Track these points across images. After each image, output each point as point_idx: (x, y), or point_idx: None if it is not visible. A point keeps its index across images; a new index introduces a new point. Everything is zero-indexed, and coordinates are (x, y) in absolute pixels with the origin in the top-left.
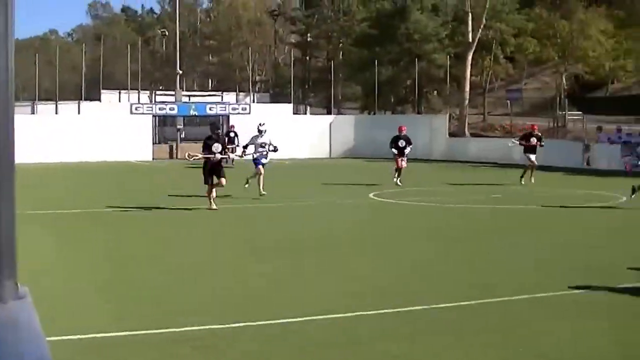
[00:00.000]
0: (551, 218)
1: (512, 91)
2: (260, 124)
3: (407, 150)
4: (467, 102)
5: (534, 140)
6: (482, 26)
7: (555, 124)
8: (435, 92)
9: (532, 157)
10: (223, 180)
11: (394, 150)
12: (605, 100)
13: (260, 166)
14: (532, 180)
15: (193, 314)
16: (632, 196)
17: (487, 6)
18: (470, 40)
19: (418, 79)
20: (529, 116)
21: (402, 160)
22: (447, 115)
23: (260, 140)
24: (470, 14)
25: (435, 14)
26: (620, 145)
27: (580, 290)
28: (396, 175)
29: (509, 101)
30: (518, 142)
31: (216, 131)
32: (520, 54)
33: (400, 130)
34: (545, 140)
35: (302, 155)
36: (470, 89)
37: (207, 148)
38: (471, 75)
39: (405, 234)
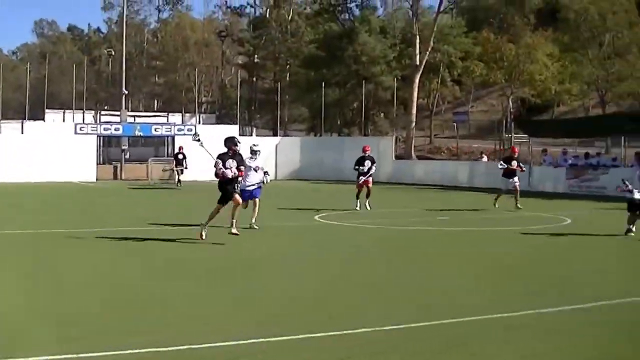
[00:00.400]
0: (498, 240)
1: (459, 114)
2: (253, 145)
3: (372, 171)
4: (413, 124)
5: (514, 164)
6: (429, 49)
7: (502, 147)
8: (382, 114)
9: (510, 180)
10: (237, 197)
11: (362, 169)
12: (551, 123)
13: (245, 199)
14: (519, 205)
15: (136, 335)
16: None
17: (435, 29)
18: (418, 62)
19: (365, 101)
20: (475, 139)
21: (367, 181)
22: (394, 137)
23: (253, 164)
24: (418, 37)
25: (384, 36)
26: (565, 169)
27: (525, 312)
28: (367, 200)
29: (455, 123)
30: (506, 166)
31: (233, 147)
32: (467, 76)
33: (364, 150)
34: (492, 162)
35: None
36: (417, 111)
37: (216, 166)
38: (418, 97)
39: (348, 255)
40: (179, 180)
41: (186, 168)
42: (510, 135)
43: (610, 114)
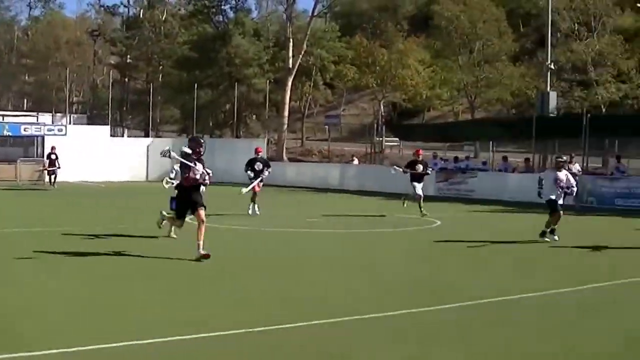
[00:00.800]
0: (369, 242)
1: (331, 117)
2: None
3: (265, 174)
4: (285, 127)
5: (419, 168)
6: (302, 52)
7: (373, 150)
8: (254, 116)
9: (418, 187)
10: (201, 212)
11: (249, 173)
12: (421, 127)
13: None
14: (424, 211)
15: (44, 338)
16: (547, 237)
17: (309, 33)
18: (291, 65)
19: (237, 103)
20: (347, 142)
21: (258, 185)
22: (266, 139)
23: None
24: (291, 40)
25: (257, 38)
26: (435, 172)
27: (401, 312)
28: (251, 203)
29: (327, 126)
30: (402, 170)
31: (198, 148)
32: (339, 80)
33: (256, 151)
34: (363, 165)
35: (119, 178)
36: (289, 114)
37: (185, 169)
38: (290, 100)
39: (215, 258)
40: (53, 182)
41: (59, 168)
42: (381, 139)
43: (479, 120)
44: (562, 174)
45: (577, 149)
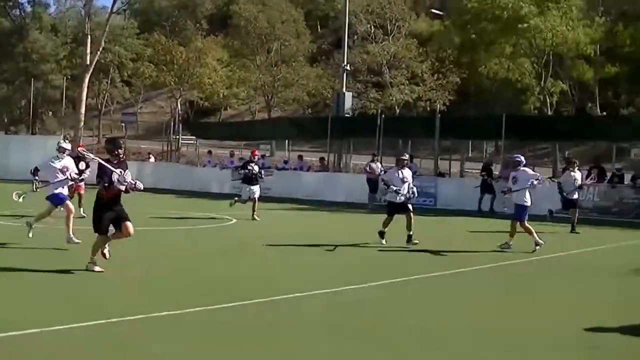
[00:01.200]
0: (164, 240)
1: (128, 114)
2: (62, 141)
3: (85, 175)
4: (82, 124)
5: (256, 169)
6: (100, 49)
7: (169, 148)
8: (51, 113)
9: (252, 188)
10: (129, 225)
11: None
12: (218, 126)
13: (67, 203)
14: (256, 216)
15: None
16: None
17: (107, 29)
18: (88, 62)
19: (33, 100)
20: (143, 139)
21: (79, 186)
22: (62, 136)
23: (59, 165)
24: (89, 36)
25: (55, 34)
26: (231, 170)
27: (195, 310)
28: (79, 205)
29: (124, 124)
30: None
31: (116, 150)
32: (137, 78)
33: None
34: (159, 163)
35: None
36: (86, 111)
37: (104, 176)
38: (87, 97)
39: (15, 253)
40: None
41: None
42: (178, 137)
43: (276, 119)
44: (407, 172)
45: (371, 148)
